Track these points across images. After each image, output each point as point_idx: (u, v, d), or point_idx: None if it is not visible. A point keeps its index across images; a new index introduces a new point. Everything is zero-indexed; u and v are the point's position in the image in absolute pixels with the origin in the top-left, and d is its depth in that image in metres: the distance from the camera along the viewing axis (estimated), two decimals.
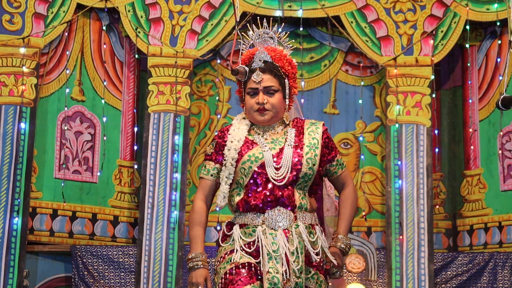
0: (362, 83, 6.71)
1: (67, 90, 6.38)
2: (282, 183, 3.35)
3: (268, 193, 3.36)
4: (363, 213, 6.59)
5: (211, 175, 3.49)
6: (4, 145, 6.01)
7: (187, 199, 6.34)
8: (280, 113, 3.48)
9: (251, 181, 3.38)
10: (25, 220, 5.99)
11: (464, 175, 6.61)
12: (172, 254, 6.07)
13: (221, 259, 3.40)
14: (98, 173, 6.42)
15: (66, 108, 6.37)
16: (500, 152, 6.33)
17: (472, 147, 6.52)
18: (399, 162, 6.26)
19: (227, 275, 3.33)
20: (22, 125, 6.05)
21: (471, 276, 6.19)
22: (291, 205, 3.37)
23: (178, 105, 6.30)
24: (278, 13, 6.47)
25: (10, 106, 6.08)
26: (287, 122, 3.51)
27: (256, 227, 3.36)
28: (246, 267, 3.31)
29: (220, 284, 3.33)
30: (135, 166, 6.51)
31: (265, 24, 3.56)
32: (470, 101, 6.58)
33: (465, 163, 6.61)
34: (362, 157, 6.65)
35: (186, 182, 6.31)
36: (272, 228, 3.34)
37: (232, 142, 3.45)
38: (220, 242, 3.44)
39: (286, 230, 3.34)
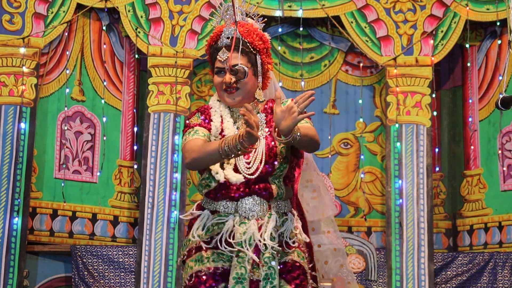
0: (362, 83, 6.70)
1: (67, 90, 6.38)
2: (253, 176, 3.17)
3: (242, 188, 3.18)
4: (363, 213, 6.59)
5: (205, 136, 3.22)
6: (4, 145, 6.01)
7: (187, 199, 6.33)
8: (251, 93, 3.28)
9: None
10: (25, 220, 5.99)
11: (464, 175, 6.61)
12: (172, 254, 6.07)
13: (190, 251, 3.24)
14: (98, 173, 6.42)
15: (66, 108, 6.37)
16: (500, 152, 6.33)
17: (472, 147, 6.52)
18: (399, 162, 6.26)
19: (193, 277, 3.19)
20: (22, 125, 6.05)
21: (471, 276, 6.19)
22: (267, 195, 3.21)
23: (178, 105, 6.30)
24: (278, 13, 6.47)
25: (10, 106, 6.08)
26: (261, 100, 3.30)
27: (228, 215, 3.21)
28: (212, 272, 3.17)
29: (187, 283, 3.19)
30: (135, 166, 6.51)
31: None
32: (470, 101, 6.58)
33: (465, 163, 6.61)
34: (362, 157, 6.65)
35: (186, 182, 6.30)
36: (245, 217, 3.18)
37: (217, 122, 3.27)
38: (193, 225, 3.27)
39: (259, 219, 3.19)
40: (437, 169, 6.60)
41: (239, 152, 3.08)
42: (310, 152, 3.39)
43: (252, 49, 3.26)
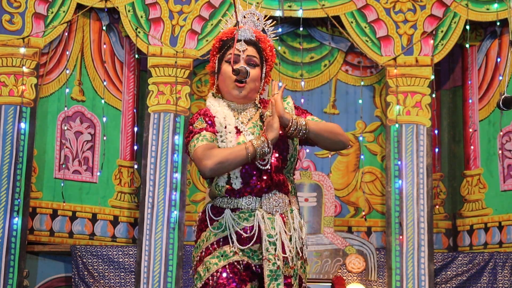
0: (362, 83, 6.71)
1: (67, 90, 6.38)
2: (266, 167, 3.17)
3: (264, 182, 3.17)
4: (363, 213, 6.59)
5: (214, 141, 3.19)
6: (4, 145, 6.01)
7: (187, 199, 6.33)
8: (254, 92, 3.32)
9: (243, 169, 3.17)
10: (25, 220, 5.99)
11: (464, 175, 6.61)
12: (172, 254, 6.07)
13: (211, 247, 3.16)
14: (98, 173, 6.42)
15: (66, 108, 6.37)
16: (500, 152, 6.33)
17: (472, 147, 6.53)
18: (399, 162, 6.26)
19: (219, 274, 3.11)
20: (22, 125, 6.05)
21: (471, 276, 6.19)
22: (286, 189, 3.23)
23: (178, 105, 6.30)
24: (278, 13, 6.47)
25: (10, 106, 6.08)
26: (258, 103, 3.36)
27: (253, 211, 3.16)
28: (239, 266, 3.13)
29: (209, 282, 3.11)
30: (135, 166, 6.51)
31: (253, 5, 3.42)
32: (470, 101, 6.58)
33: (465, 163, 6.61)
34: (362, 157, 6.65)
35: (186, 182, 6.31)
36: (269, 213, 3.17)
37: (221, 118, 3.25)
38: (209, 225, 3.18)
39: (283, 215, 3.19)
40: (437, 169, 6.60)
41: (266, 149, 3.13)
42: (339, 150, 3.51)
43: (264, 55, 3.35)
